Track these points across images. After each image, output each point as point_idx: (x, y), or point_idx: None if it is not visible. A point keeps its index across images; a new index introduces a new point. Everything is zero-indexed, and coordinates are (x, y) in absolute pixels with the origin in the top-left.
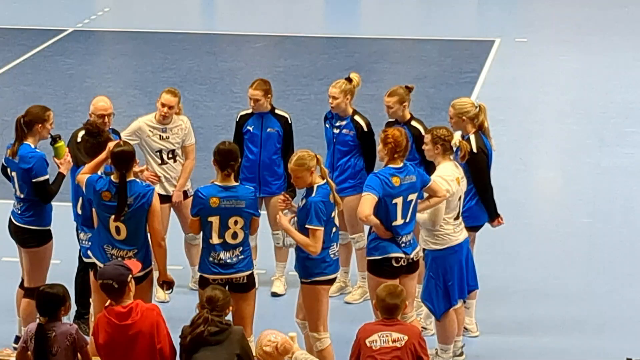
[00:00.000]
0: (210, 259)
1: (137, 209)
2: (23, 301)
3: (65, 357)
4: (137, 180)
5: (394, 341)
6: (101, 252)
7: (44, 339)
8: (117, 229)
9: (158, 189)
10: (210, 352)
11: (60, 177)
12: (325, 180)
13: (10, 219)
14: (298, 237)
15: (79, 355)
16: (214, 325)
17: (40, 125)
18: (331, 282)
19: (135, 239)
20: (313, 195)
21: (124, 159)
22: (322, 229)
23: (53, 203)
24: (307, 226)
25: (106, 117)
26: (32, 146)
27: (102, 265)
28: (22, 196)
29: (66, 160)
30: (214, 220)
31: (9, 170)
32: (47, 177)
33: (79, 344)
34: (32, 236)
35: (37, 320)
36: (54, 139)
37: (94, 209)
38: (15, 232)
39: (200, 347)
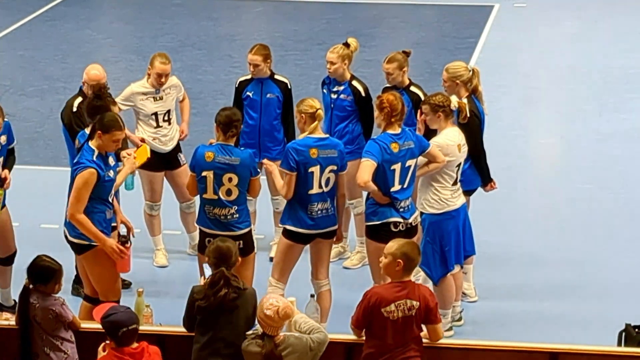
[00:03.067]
0: (207, 213)
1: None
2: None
3: (51, 328)
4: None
5: (409, 309)
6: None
7: (27, 304)
8: None
9: (155, 148)
10: (230, 317)
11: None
12: (319, 135)
13: None
14: (277, 179)
15: None
16: (234, 290)
17: None
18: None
19: None
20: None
21: None
22: (291, 174)
23: (54, 168)
24: (279, 168)
25: (96, 86)
26: None
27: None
28: None
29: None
30: (208, 175)
31: None
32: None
33: (64, 320)
34: None
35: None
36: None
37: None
38: None
39: (220, 310)
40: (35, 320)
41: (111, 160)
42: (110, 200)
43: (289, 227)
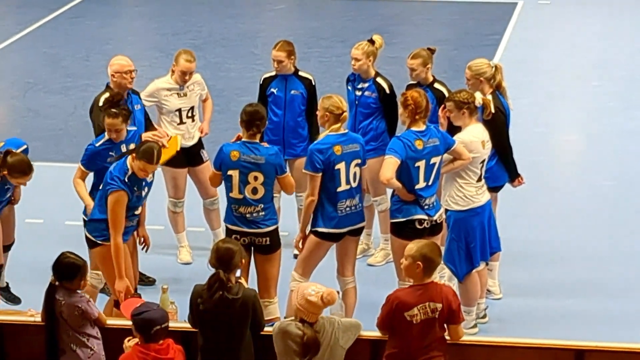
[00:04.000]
0: (233, 211)
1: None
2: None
3: (77, 324)
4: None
5: (432, 312)
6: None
7: (53, 300)
8: None
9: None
10: (226, 320)
11: None
12: (339, 132)
13: None
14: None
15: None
16: (229, 292)
17: (16, 180)
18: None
19: None
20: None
21: None
22: (317, 175)
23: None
24: (303, 171)
25: (133, 73)
26: None
27: None
28: None
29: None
30: (234, 174)
31: None
32: None
33: (89, 317)
34: None
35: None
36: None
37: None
38: None
39: (216, 313)
40: (61, 316)
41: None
42: (136, 213)
43: (320, 230)
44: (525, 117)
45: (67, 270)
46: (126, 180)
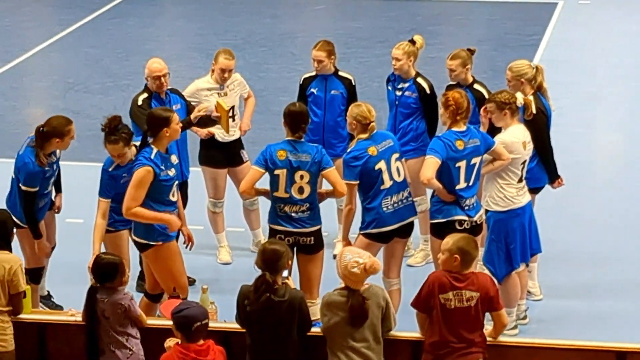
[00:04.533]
0: (278, 211)
1: None
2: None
3: (119, 323)
4: None
5: (467, 300)
6: None
7: (94, 302)
8: None
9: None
10: (272, 322)
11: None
12: (367, 135)
13: None
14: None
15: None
16: (276, 294)
17: (58, 140)
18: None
19: None
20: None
21: None
22: (355, 183)
23: None
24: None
25: (162, 78)
26: (33, 158)
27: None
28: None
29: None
30: (281, 173)
31: None
32: (29, 189)
33: (132, 315)
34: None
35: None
36: None
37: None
38: None
39: (262, 315)
40: (103, 315)
41: (174, 159)
42: (171, 200)
43: (369, 231)
44: (565, 117)
45: (106, 272)
46: (152, 157)
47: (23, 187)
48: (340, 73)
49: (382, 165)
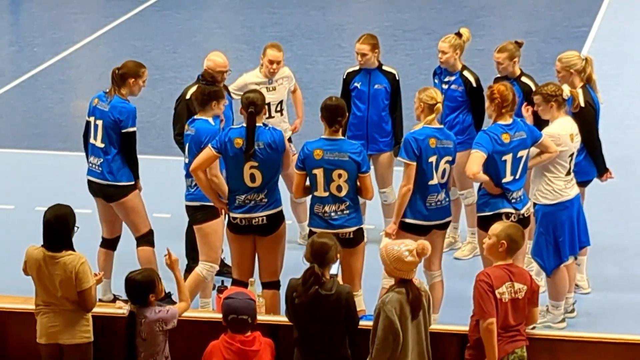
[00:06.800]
0: (317, 211)
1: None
2: (146, 250)
3: (154, 342)
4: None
5: (516, 292)
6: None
7: (134, 326)
8: (252, 176)
9: None
10: (320, 316)
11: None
12: (436, 126)
13: (90, 180)
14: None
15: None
16: (323, 287)
17: (133, 79)
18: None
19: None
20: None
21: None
22: (412, 164)
23: (167, 158)
24: (398, 158)
25: (225, 74)
26: (123, 98)
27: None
28: (102, 146)
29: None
30: (318, 172)
31: (93, 119)
32: (135, 129)
33: (172, 319)
34: (117, 190)
35: (129, 308)
36: None
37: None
38: (99, 189)
39: (310, 308)
40: (141, 337)
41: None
42: None
43: (407, 220)
44: (614, 110)
45: (139, 291)
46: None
47: (130, 130)
48: (384, 67)
49: (434, 160)
